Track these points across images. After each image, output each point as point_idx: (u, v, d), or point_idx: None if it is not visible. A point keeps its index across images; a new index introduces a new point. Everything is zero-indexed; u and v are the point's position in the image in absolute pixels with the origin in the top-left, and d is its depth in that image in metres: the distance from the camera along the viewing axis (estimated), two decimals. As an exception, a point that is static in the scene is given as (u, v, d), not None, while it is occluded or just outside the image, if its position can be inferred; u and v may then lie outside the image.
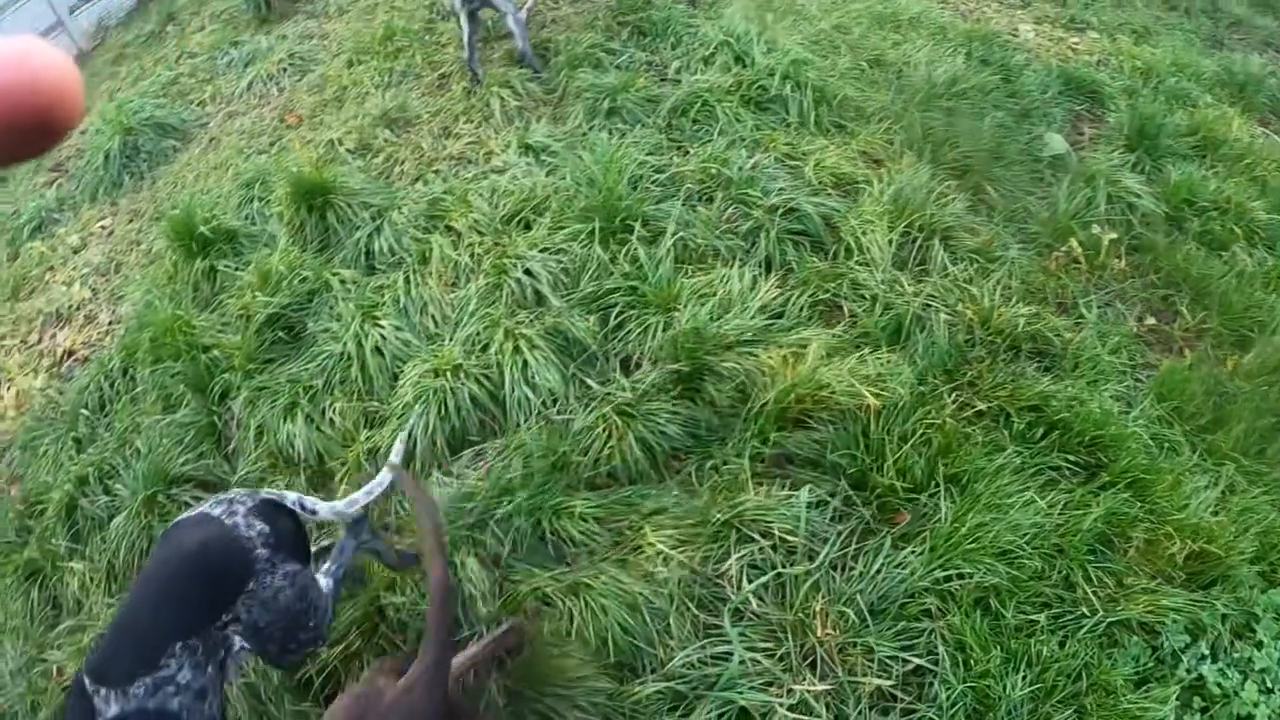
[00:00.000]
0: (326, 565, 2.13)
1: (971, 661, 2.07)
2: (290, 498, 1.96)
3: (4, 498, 3.57)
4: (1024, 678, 2.02)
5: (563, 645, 2.16)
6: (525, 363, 2.52)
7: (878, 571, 2.23)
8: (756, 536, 2.28)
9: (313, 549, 2.13)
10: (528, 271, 2.69)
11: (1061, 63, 4.44)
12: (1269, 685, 2.09)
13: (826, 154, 3.13)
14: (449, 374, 2.56)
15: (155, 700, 1.58)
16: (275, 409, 2.84)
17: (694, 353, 2.47)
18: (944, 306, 2.87)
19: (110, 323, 3.96)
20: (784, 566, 2.24)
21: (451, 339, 2.69)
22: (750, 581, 2.23)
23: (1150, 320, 3.19)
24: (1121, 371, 2.87)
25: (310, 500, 2.03)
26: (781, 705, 2.02)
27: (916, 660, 2.09)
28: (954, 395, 2.62)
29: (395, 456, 2.41)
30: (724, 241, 2.79)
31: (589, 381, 2.53)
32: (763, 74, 3.32)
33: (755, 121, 3.20)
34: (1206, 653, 2.14)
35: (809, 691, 2.05)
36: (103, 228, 4.38)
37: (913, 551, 2.26)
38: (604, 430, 2.41)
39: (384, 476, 2.27)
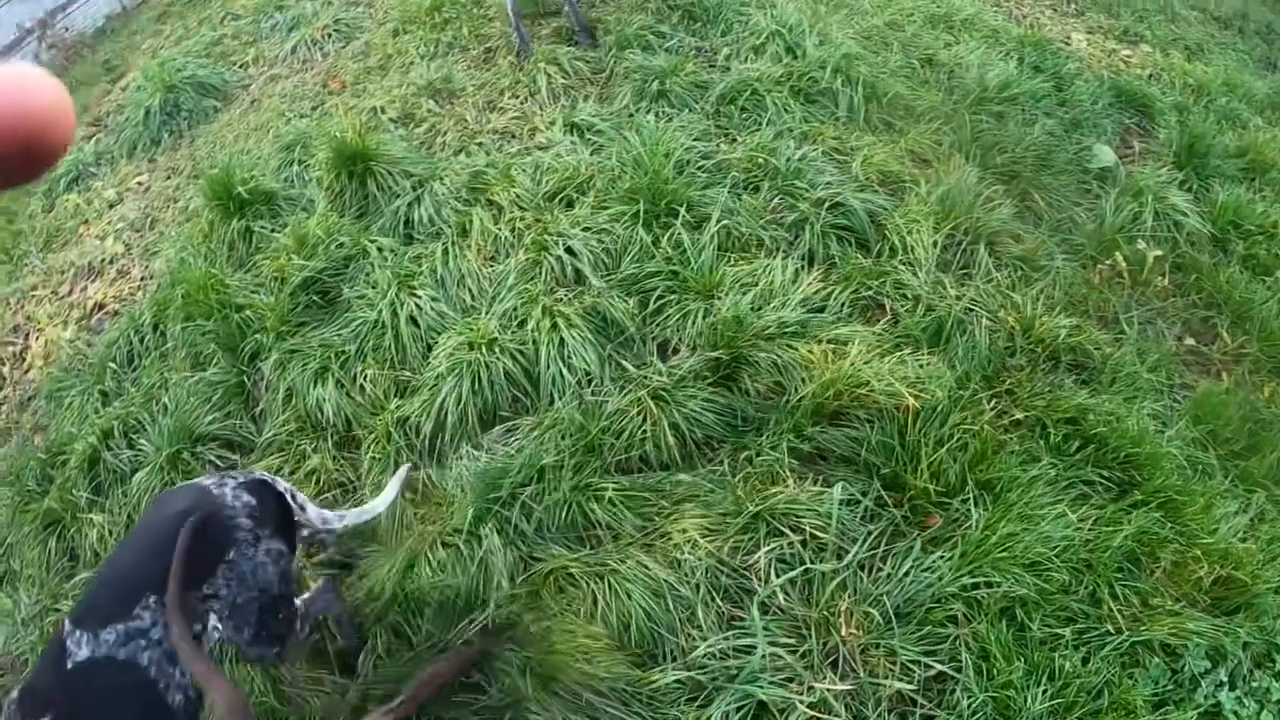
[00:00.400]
0: (305, 596, 2.15)
1: (994, 671, 2.04)
2: (283, 485, 1.98)
3: (28, 446, 3.59)
4: (1045, 691, 2.00)
5: (584, 626, 2.15)
6: (562, 340, 2.50)
7: (905, 574, 2.21)
8: (787, 531, 2.26)
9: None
10: (569, 250, 2.67)
11: (1113, 75, 4.38)
12: (1285, 717, 2.06)
13: (875, 151, 3.09)
14: (484, 347, 2.55)
15: (126, 650, 1.59)
16: (306, 373, 2.84)
17: (733, 341, 2.45)
18: (986, 312, 2.84)
19: (142, 278, 3.97)
20: (813, 563, 2.22)
21: (488, 313, 2.68)
22: (778, 575, 2.21)
23: (1190, 340, 3.16)
24: (1159, 390, 2.85)
25: (302, 496, 2.05)
26: (801, 702, 2.00)
27: (939, 666, 2.06)
28: (993, 402, 2.60)
29: (394, 488, 2.37)
30: (768, 232, 2.76)
31: (625, 364, 2.51)
32: (814, 66, 3.28)
33: (804, 113, 3.16)
34: (1225, 679, 2.11)
35: (829, 690, 2.04)
36: (139, 184, 4.39)
37: (942, 556, 2.23)
38: (638, 414, 2.39)
39: (376, 503, 2.31)
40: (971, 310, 2.84)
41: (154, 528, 1.76)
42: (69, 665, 1.58)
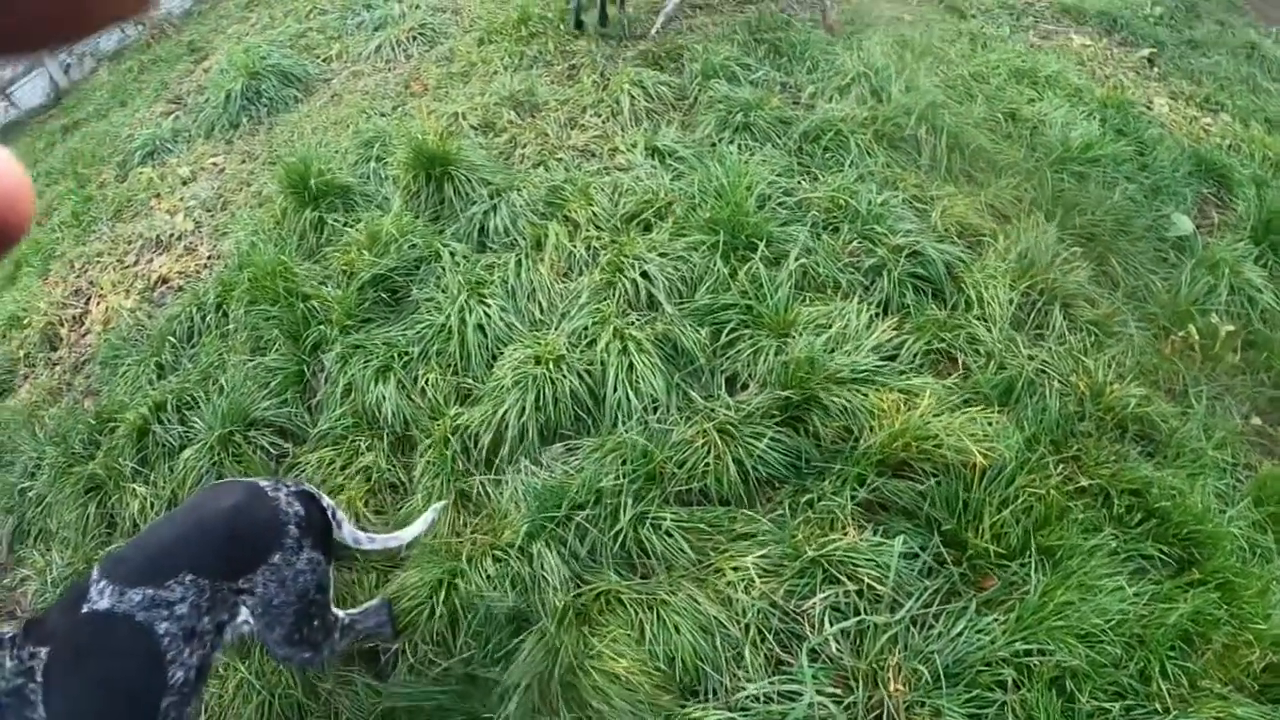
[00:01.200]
0: (356, 610, 2.17)
1: (1041, 742, 1.99)
2: (327, 501, 2.01)
3: (77, 409, 3.63)
4: (1090, 766, 1.95)
5: (631, 651, 2.12)
6: (631, 365, 2.49)
7: (958, 634, 2.16)
8: (844, 579, 2.22)
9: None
10: (644, 274, 2.66)
11: (1193, 142, 4.32)
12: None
13: (955, 202, 3.06)
14: (551, 363, 2.54)
15: (146, 615, 1.60)
16: (368, 369, 2.85)
17: (805, 382, 2.42)
18: (1058, 375, 2.79)
19: (209, 257, 4.02)
20: (867, 614, 2.18)
21: (557, 329, 2.67)
22: (831, 624, 2.17)
23: (1256, 420, 3.09)
24: (1222, 468, 2.78)
25: (340, 514, 2.08)
26: (844, 755, 1.96)
27: (985, 731, 2.01)
28: (1059, 467, 2.54)
29: (423, 524, 2.36)
30: (845, 274, 2.74)
31: (693, 394, 2.49)
32: (899, 112, 3.26)
33: (887, 158, 3.14)
34: (1269, 768, 2.04)
35: (873, 746, 1.99)
36: (214, 164, 4.47)
37: (996, 619, 2.19)
38: (703, 446, 2.36)
39: (405, 533, 2.30)
40: (1043, 371, 2.79)
41: (203, 513, 1.79)
42: (84, 610, 1.60)
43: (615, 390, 2.48)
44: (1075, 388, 2.79)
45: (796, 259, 2.68)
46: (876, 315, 2.69)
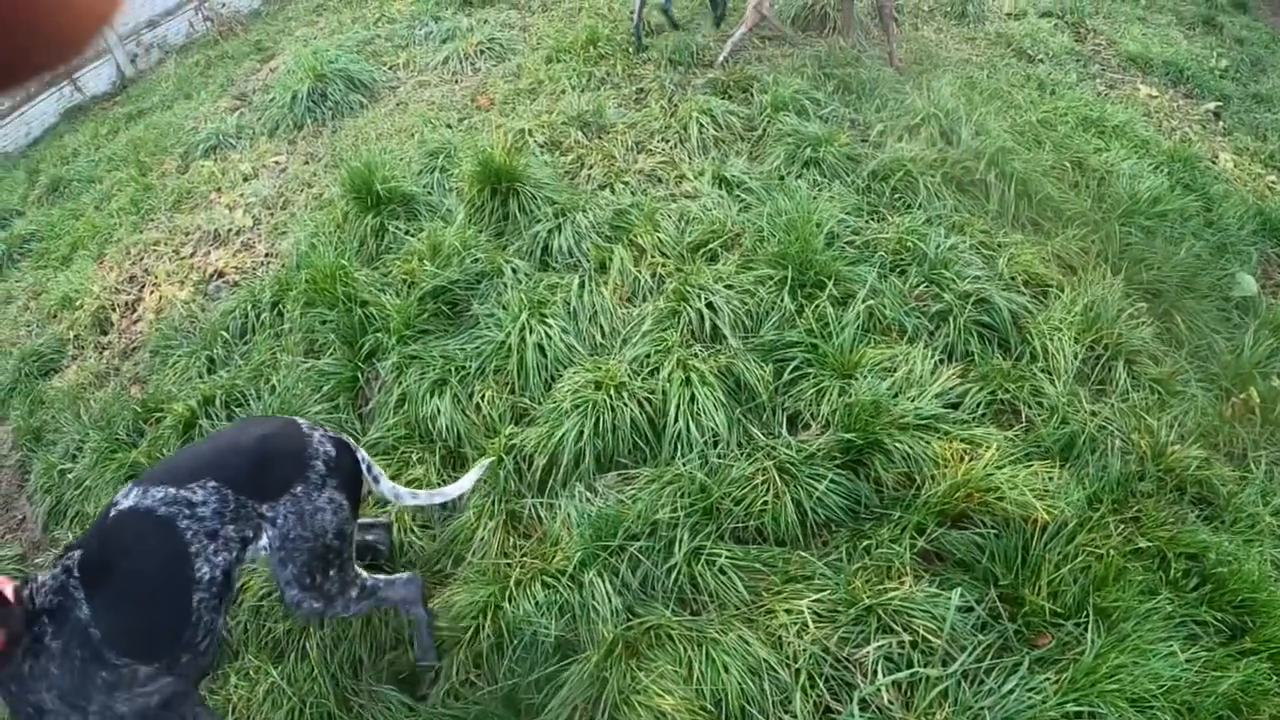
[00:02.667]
0: (383, 577, 2.16)
1: (1087, 809, 1.94)
2: (363, 454, 2.06)
3: (124, 395, 3.66)
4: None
5: (680, 688, 2.09)
6: (693, 397, 2.47)
7: (1009, 691, 2.11)
8: (898, 629, 2.18)
9: None
10: (710, 305, 2.64)
11: (1258, 199, 4.26)
12: None
13: (1022, 250, 3.02)
14: (612, 390, 2.52)
15: (168, 509, 1.67)
16: (424, 381, 2.85)
17: (868, 426, 2.39)
18: (1120, 432, 2.74)
19: (267, 254, 4.06)
20: (920, 666, 2.13)
21: (618, 355, 2.66)
22: (884, 674, 2.12)
23: (1315, 489, 3.01)
24: (1277, 535, 2.71)
25: (378, 469, 2.12)
26: (890, 810, 1.91)
27: (1031, 793, 1.96)
28: (1119, 527, 2.49)
29: (472, 478, 2.38)
30: (911, 318, 2.70)
31: (754, 431, 2.46)
32: (968, 155, 3.23)
33: (955, 202, 3.11)
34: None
35: (920, 803, 1.94)
36: (276, 163, 4.53)
37: (1049, 678, 2.14)
38: (762, 484, 2.34)
39: (451, 489, 2.32)
40: (1105, 428, 2.74)
41: (237, 435, 1.89)
42: (111, 514, 1.68)
43: (676, 421, 2.46)
44: (1137, 446, 2.74)
45: (864, 300, 2.65)
46: (941, 361, 2.65)
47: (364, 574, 2.06)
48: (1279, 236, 4.02)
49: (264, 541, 1.81)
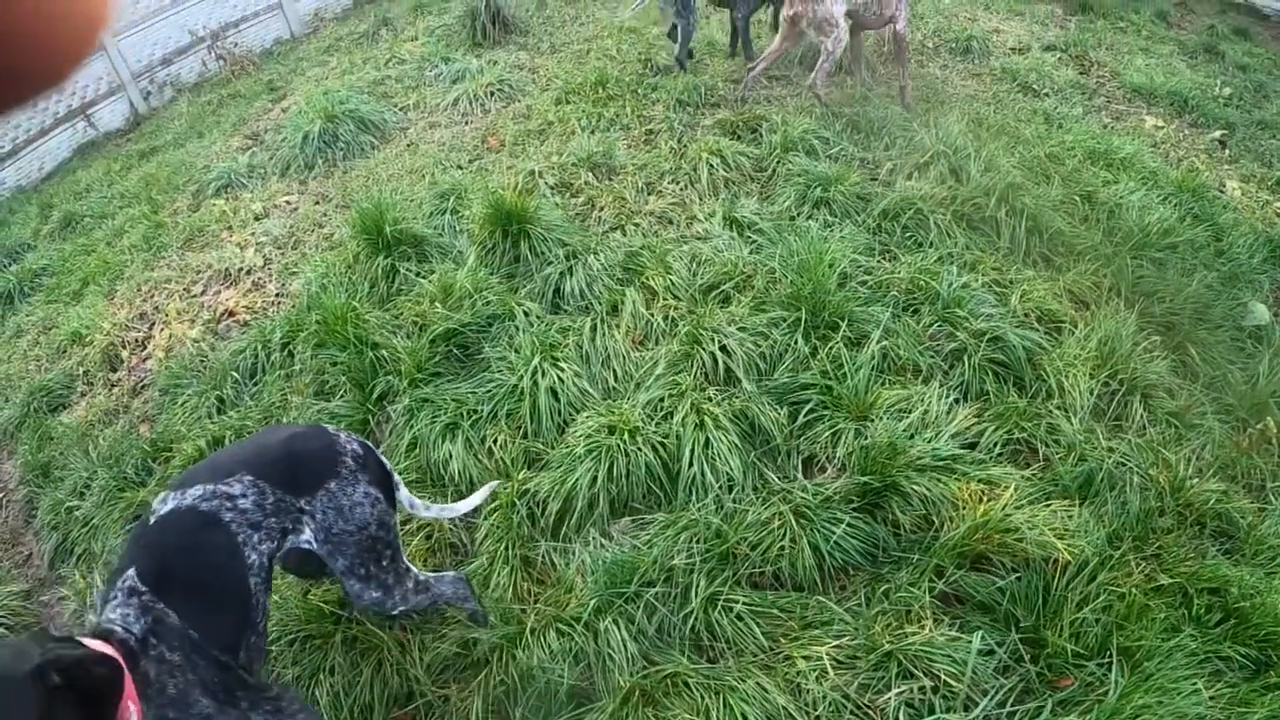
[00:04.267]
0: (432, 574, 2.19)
1: None
2: (387, 464, 2.08)
3: (133, 433, 3.65)
4: None
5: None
6: (707, 441, 2.45)
7: (1033, 735, 2.06)
8: (919, 674, 2.14)
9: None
10: (723, 348, 2.63)
11: (1267, 227, 4.26)
12: None
13: (1034, 286, 3.01)
14: (626, 434, 2.51)
15: (209, 504, 1.69)
16: (435, 425, 2.83)
17: (885, 468, 2.36)
18: (1138, 468, 2.71)
19: (278, 294, 4.07)
20: (943, 711, 2.09)
21: (632, 398, 2.65)
22: (905, 722, 2.08)
23: (1336, 517, 2.97)
24: (1300, 566, 2.67)
25: (397, 477, 2.13)
26: None
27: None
28: (1141, 565, 2.46)
29: (479, 498, 2.41)
30: (925, 358, 2.69)
31: (769, 474, 2.44)
32: (978, 192, 3.23)
33: (967, 240, 3.11)
34: None
35: None
36: (287, 202, 4.56)
37: (1071, 721, 2.09)
38: (779, 528, 2.31)
39: (460, 505, 2.35)
40: (1123, 464, 2.72)
41: (263, 438, 1.93)
42: (151, 521, 1.68)
43: (691, 466, 2.44)
44: (1155, 482, 2.71)
45: (878, 340, 2.64)
46: (957, 401, 2.63)
47: (414, 568, 2.09)
48: (1288, 262, 4.01)
49: (306, 535, 1.85)
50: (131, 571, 1.61)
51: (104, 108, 7.24)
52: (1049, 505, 2.46)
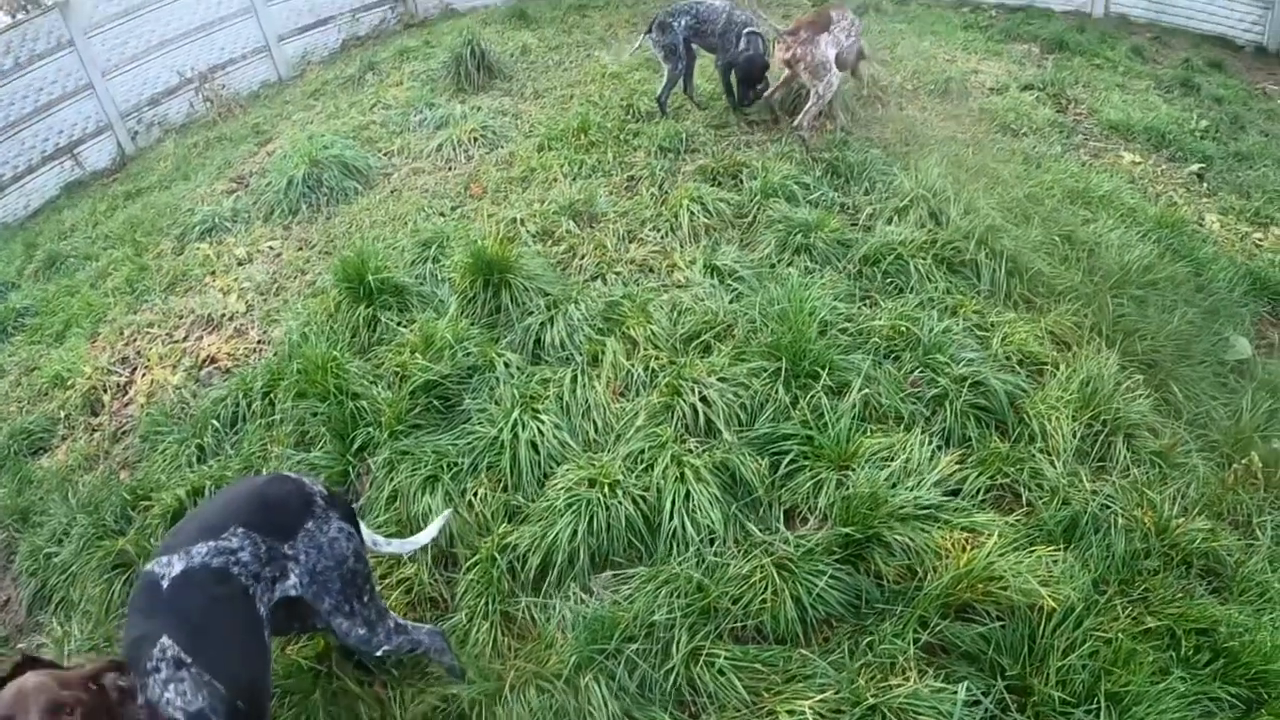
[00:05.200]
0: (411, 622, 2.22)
1: None
2: (349, 500, 2.27)
3: (113, 480, 3.59)
4: None
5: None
6: (688, 493, 2.43)
7: (1021, 786, 2.03)
8: (904, 726, 2.10)
9: None
10: (704, 399, 2.62)
11: (1246, 259, 4.28)
12: None
13: (1015, 328, 3.02)
14: (606, 487, 2.49)
15: (216, 560, 1.76)
16: (415, 477, 2.81)
17: (867, 518, 2.35)
18: (1122, 510, 2.70)
19: (260, 342, 4.04)
20: (929, 765, 2.06)
21: (612, 451, 2.63)
22: (892, 776, 2.04)
23: (1323, 550, 2.94)
24: (1287, 601, 2.64)
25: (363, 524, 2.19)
26: None
27: None
28: (1127, 608, 2.43)
29: (434, 529, 2.45)
30: (907, 405, 2.68)
31: (750, 527, 2.42)
32: (958, 235, 3.26)
33: (947, 284, 3.12)
34: None
35: None
36: (271, 248, 4.56)
37: (1060, 770, 2.06)
38: (760, 581, 2.29)
39: (418, 538, 2.40)
40: (1107, 507, 2.70)
41: (234, 490, 2.03)
42: (164, 586, 1.71)
43: (671, 519, 2.42)
44: (1140, 523, 2.70)
45: (859, 389, 2.64)
46: (939, 448, 2.63)
47: (390, 612, 2.14)
48: (1270, 294, 4.02)
49: (292, 580, 1.90)
50: (167, 640, 1.63)
51: (91, 146, 7.25)
52: (1033, 551, 2.45)
